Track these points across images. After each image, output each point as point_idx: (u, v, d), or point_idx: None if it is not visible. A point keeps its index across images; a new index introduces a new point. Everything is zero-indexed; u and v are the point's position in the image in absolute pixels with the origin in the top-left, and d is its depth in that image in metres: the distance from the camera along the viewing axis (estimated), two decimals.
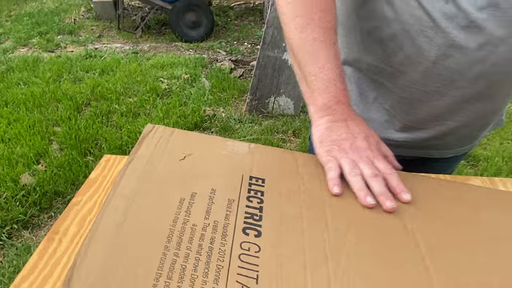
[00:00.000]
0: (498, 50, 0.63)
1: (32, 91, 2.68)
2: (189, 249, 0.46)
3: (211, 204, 0.53)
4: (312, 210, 0.53)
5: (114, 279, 0.43)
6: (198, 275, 0.43)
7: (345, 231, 0.50)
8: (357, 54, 0.77)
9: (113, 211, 0.51)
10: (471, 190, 0.60)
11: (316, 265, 0.45)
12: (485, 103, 0.72)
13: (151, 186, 0.56)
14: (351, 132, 0.60)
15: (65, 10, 4.46)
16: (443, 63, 0.66)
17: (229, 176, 0.58)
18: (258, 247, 0.47)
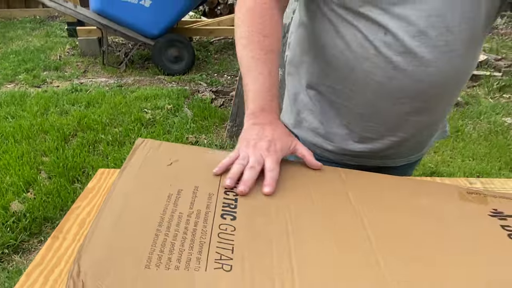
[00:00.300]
0: (430, 72, 0.77)
1: (20, 124, 2.75)
2: (177, 230, 0.56)
3: (195, 198, 0.63)
4: (277, 199, 0.63)
5: (117, 254, 0.52)
6: (185, 249, 0.53)
7: (305, 213, 0.61)
8: (318, 79, 0.89)
9: (113, 204, 0.61)
10: (408, 181, 0.72)
11: (280, 240, 0.56)
12: (426, 116, 0.85)
13: (144, 186, 0.66)
14: (261, 135, 0.71)
15: (50, 48, 4.57)
16: (388, 83, 0.79)
17: (210, 176, 0.68)
18: (234, 227, 0.58)
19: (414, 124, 0.86)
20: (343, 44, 0.79)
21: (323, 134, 0.92)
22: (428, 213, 0.63)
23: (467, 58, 0.79)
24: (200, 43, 4.75)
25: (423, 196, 0.67)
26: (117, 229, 0.57)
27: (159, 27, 3.77)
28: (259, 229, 0.57)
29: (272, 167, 0.67)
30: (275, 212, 0.61)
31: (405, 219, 0.61)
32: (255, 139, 0.71)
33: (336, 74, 0.84)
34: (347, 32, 0.78)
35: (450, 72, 0.78)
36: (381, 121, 0.85)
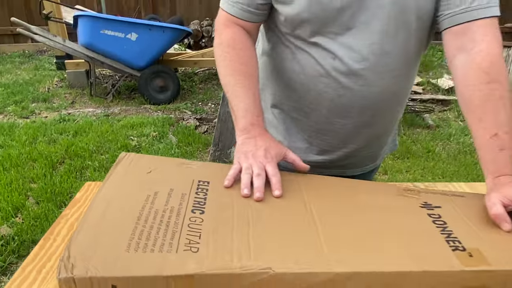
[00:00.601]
0: (373, 90, 0.89)
1: (9, 153, 2.81)
2: (153, 223, 0.66)
3: (169, 197, 0.73)
4: (240, 199, 0.73)
5: (101, 242, 0.61)
6: (159, 237, 0.63)
7: (264, 210, 0.71)
8: (280, 99, 1.01)
9: (99, 203, 0.71)
10: (355, 182, 0.83)
11: (241, 228, 0.65)
12: (374, 128, 0.97)
13: (126, 189, 0.75)
14: (256, 145, 0.81)
15: (39, 81, 4.66)
16: (339, 101, 0.91)
17: (184, 180, 0.78)
18: (202, 219, 0.67)
19: (364, 136, 0.97)
20: (300, 68, 0.91)
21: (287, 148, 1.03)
22: (367, 204, 0.73)
23: (404, 78, 0.92)
24: (185, 73, 4.90)
25: (365, 193, 0.78)
26: (102, 223, 0.66)
27: (145, 59, 3.91)
28: (223, 220, 0.67)
29: (274, 172, 0.77)
30: (239, 207, 0.71)
31: (347, 210, 0.72)
32: (252, 150, 0.81)
33: (295, 94, 0.96)
34: (302, 58, 0.90)
35: (390, 90, 0.90)
36: (336, 134, 0.97)
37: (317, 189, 0.78)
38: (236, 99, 0.86)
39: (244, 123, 0.84)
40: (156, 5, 6.01)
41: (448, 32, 0.82)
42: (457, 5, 0.80)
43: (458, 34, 0.81)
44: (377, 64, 0.86)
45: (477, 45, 0.79)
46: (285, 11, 0.85)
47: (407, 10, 0.82)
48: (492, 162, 0.75)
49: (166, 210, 0.69)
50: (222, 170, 0.82)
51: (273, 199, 0.74)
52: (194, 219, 0.67)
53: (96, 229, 0.64)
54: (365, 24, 0.83)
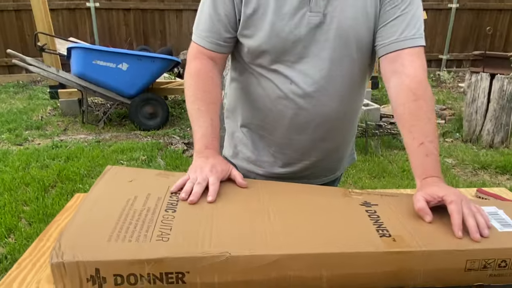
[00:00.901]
0: (325, 109, 1.03)
1: (2, 178, 2.90)
2: (131, 220, 0.77)
3: (147, 200, 0.85)
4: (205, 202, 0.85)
5: (87, 235, 0.73)
6: (136, 230, 0.74)
7: (227, 205, 0.83)
8: (248, 119, 1.14)
9: (86, 205, 0.82)
10: (308, 186, 0.96)
11: (206, 221, 0.77)
12: (328, 143, 1.11)
13: (110, 194, 0.87)
14: (205, 163, 0.92)
15: (33, 109, 4.78)
16: (297, 119, 1.05)
17: (160, 187, 0.90)
18: (174, 216, 0.79)
19: (321, 149, 1.11)
20: (263, 92, 1.05)
21: (255, 162, 1.16)
22: (314, 202, 0.86)
23: (351, 99, 1.06)
24: (175, 101, 5.05)
25: (314, 194, 0.90)
26: (88, 220, 0.78)
27: (135, 88, 4.06)
28: (192, 217, 0.79)
29: (213, 182, 0.88)
30: (206, 207, 0.83)
31: (296, 206, 0.84)
32: (201, 165, 0.93)
33: (260, 114, 1.09)
34: (265, 83, 1.04)
35: (340, 110, 1.04)
36: (296, 148, 1.10)
37: (272, 191, 0.90)
38: (196, 125, 0.99)
39: (199, 146, 0.97)
40: (147, 36, 6.22)
41: (384, 59, 0.97)
42: (389, 36, 0.95)
43: (391, 60, 0.96)
44: (327, 87, 1.00)
45: (406, 70, 0.93)
46: (248, 43, 1.00)
47: (349, 43, 0.96)
48: (420, 166, 0.89)
49: (143, 210, 0.81)
50: None
51: (235, 199, 0.86)
52: (167, 216, 0.79)
53: (83, 225, 0.76)
54: (316, 54, 0.97)
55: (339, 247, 0.72)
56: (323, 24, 0.95)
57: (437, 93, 5.58)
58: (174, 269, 0.69)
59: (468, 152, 3.56)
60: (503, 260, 0.74)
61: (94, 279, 0.69)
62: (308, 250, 0.71)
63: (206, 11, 1.02)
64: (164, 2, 6.08)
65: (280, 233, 0.75)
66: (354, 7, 0.94)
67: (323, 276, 0.72)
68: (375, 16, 0.96)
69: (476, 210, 0.78)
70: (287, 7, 0.94)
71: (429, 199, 0.81)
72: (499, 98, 3.58)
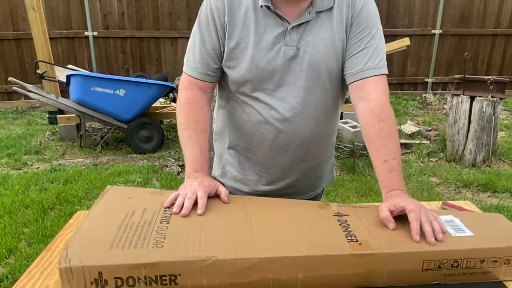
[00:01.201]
0: (302, 132, 1.14)
1: (2, 201, 2.97)
2: (130, 230, 0.87)
3: (144, 214, 0.94)
4: (195, 214, 0.95)
5: (90, 244, 0.82)
6: (134, 239, 0.84)
7: (214, 218, 0.92)
8: (235, 142, 1.25)
9: (89, 219, 0.92)
10: (288, 201, 1.06)
11: (194, 232, 0.87)
12: (307, 163, 1.21)
13: (110, 209, 0.97)
14: (195, 182, 1.02)
15: (31, 135, 4.87)
16: (277, 141, 1.15)
17: (155, 203, 1.00)
18: (167, 227, 0.89)
19: (300, 168, 1.21)
20: (246, 117, 1.16)
21: (241, 181, 1.26)
22: (292, 213, 0.96)
23: (326, 123, 1.17)
24: (170, 125, 5.16)
25: (293, 207, 1.00)
26: (91, 231, 0.87)
27: (132, 113, 4.17)
28: (183, 228, 0.89)
29: (201, 196, 0.98)
30: (196, 219, 0.93)
31: (276, 217, 0.94)
32: (190, 183, 1.03)
33: (245, 137, 1.20)
34: (247, 109, 1.15)
35: (315, 132, 1.15)
36: (278, 168, 1.21)
37: (256, 205, 1.00)
38: (187, 150, 1.10)
39: (190, 170, 1.07)
40: (143, 63, 6.39)
41: (351, 86, 1.09)
42: (355, 67, 1.07)
43: (358, 87, 1.07)
44: (303, 113, 1.12)
45: (370, 96, 1.05)
46: (232, 73, 1.11)
47: (321, 73, 1.08)
48: (385, 181, 0.99)
49: (140, 222, 0.90)
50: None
51: (222, 214, 0.96)
52: (161, 227, 0.89)
53: (86, 235, 0.86)
54: (291, 83, 1.09)
55: (312, 251, 0.81)
56: (297, 57, 1.07)
57: (423, 115, 5.74)
58: (167, 272, 0.78)
59: (452, 171, 3.68)
60: (455, 260, 0.84)
61: (97, 281, 0.78)
62: (285, 253, 0.81)
63: (195, 44, 1.14)
64: (160, 30, 6.27)
65: (261, 240, 0.85)
66: (324, 42, 1.06)
67: (298, 278, 0.81)
68: (343, 49, 1.08)
69: (433, 218, 0.89)
70: (265, 42, 1.06)
71: (392, 209, 0.91)
72: (479, 119, 3.73)
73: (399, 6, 6.53)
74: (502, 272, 0.86)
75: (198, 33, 1.13)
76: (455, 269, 0.84)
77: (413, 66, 6.81)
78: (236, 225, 0.91)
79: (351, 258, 0.82)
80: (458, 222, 0.94)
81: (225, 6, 1.07)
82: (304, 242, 0.85)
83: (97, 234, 0.86)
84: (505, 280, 0.86)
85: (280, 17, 1.06)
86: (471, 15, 6.70)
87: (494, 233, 0.91)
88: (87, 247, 0.82)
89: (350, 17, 1.08)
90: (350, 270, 0.82)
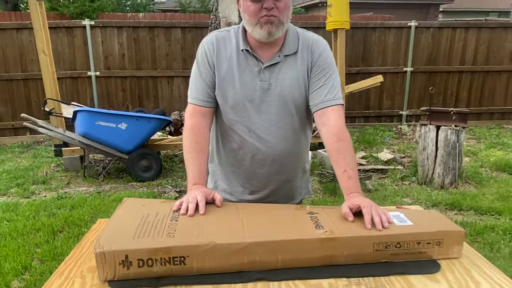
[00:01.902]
0: (276, 150, 1.36)
1: (15, 225, 3.10)
2: (147, 226, 1.06)
3: (157, 216, 1.14)
4: (198, 215, 1.15)
5: (118, 235, 1.02)
6: (151, 232, 1.03)
7: (213, 218, 1.13)
8: (223, 160, 1.46)
9: (114, 219, 1.11)
10: (272, 206, 1.27)
11: (198, 227, 1.07)
12: (282, 175, 1.43)
13: (130, 213, 1.16)
14: (195, 191, 1.21)
15: (38, 166, 5.01)
16: (256, 158, 1.37)
17: (165, 209, 1.19)
18: (177, 223, 1.08)
19: (277, 180, 1.43)
20: (232, 138, 1.39)
21: (229, 192, 1.47)
22: (275, 213, 1.17)
23: (295, 142, 1.40)
24: (167, 155, 5.36)
25: (275, 208, 1.21)
26: (116, 227, 1.07)
27: (132, 145, 4.37)
28: (189, 224, 1.09)
29: (201, 199, 1.18)
30: (199, 217, 1.13)
31: (262, 215, 1.15)
32: (191, 192, 1.23)
33: (231, 155, 1.42)
34: (231, 132, 1.38)
35: (287, 150, 1.38)
36: (258, 179, 1.42)
37: (247, 208, 1.21)
38: (189, 169, 1.29)
39: (191, 184, 1.26)
40: (142, 100, 6.64)
41: (315, 114, 1.33)
42: (317, 99, 1.31)
43: (320, 115, 1.31)
44: (276, 134, 1.35)
45: (331, 121, 1.29)
46: (221, 101, 1.35)
47: (288, 103, 1.33)
48: (345, 186, 1.21)
49: (155, 221, 1.10)
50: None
51: (219, 214, 1.16)
52: (172, 224, 1.08)
53: (113, 230, 1.05)
54: (266, 110, 1.33)
55: (289, 236, 1.02)
56: (270, 90, 1.31)
57: (398, 144, 6.03)
58: (178, 254, 0.98)
59: (423, 192, 3.91)
60: (398, 242, 1.05)
61: (124, 262, 0.97)
62: (268, 239, 1.01)
63: (196, 79, 1.37)
64: (157, 70, 6.56)
65: (250, 230, 1.05)
66: (290, 79, 1.32)
67: (279, 259, 1.01)
68: (305, 85, 1.33)
69: (381, 212, 1.10)
70: (245, 77, 1.31)
71: (351, 207, 1.13)
72: (445, 146, 4.00)
73: (374, 48, 6.95)
74: (435, 252, 1.07)
75: (197, 70, 1.37)
76: (399, 249, 1.05)
77: (388, 100, 7.16)
78: (231, 222, 1.11)
79: (319, 241, 1.02)
80: (403, 216, 1.15)
81: (214, 49, 1.33)
82: (283, 231, 1.05)
83: (122, 229, 1.06)
84: (438, 258, 1.07)
85: (256, 58, 1.31)
86: (438, 55, 7.14)
87: (429, 223, 1.12)
88: (115, 237, 1.01)
89: (311, 61, 1.33)
90: (318, 252, 1.03)
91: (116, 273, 0.97)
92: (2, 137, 6.42)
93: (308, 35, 1.37)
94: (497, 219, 3.32)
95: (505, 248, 2.79)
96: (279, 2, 1.24)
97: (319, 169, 4.55)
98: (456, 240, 1.09)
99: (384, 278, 0.98)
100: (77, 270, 1.05)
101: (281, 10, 1.26)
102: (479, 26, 7.20)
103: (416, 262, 1.06)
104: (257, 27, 1.26)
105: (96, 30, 6.30)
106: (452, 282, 0.96)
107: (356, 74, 6.80)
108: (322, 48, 1.34)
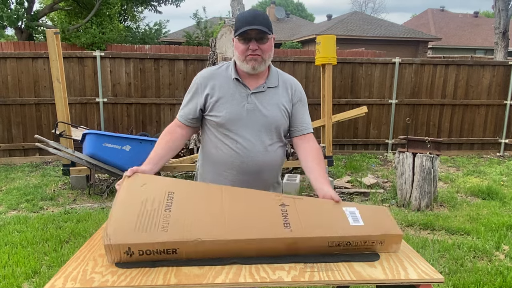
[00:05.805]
0: (257, 160, 1.61)
1: (26, 236, 3.28)
2: (145, 217, 1.28)
3: (153, 204, 1.34)
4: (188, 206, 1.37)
5: (122, 226, 1.24)
6: (149, 224, 1.25)
7: (199, 203, 1.34)
8: (214, 169, 1.69)
9: (116, 203, 1.32)
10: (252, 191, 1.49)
11: (189, 219, 1.29)
12: (261, 181, 1.66)
13: (129, 197, 1.36)
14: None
15: (46, 184, 5.21)
16: (242, 166, 1.62)
17: (161, 191, 1.38)
18: (170, 214, 1.30)
19: (258, 182, 1.66)
20: (220, 150, 1.63)
21: None
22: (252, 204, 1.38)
23: (272, 153, 1.64)
24: (167, 176, 5.56)
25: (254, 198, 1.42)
26: (119, 217, 1.28)
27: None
28: (179, 218, 1.30)
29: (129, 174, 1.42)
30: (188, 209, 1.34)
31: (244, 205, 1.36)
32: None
33: (220, 163, 1.66)
34: (221, 144, 1.62)
35: (265, 160, 1.63)
36: (243, 181, 1.64)
37: (231, 192, 1.41)
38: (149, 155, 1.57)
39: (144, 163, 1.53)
40: (145, 125, 6.91)
41: (295, 138, 1.62)
42: (296, 126, 1.60)
43: (301, 139, 1.62)
44: (259, 146, 1.60)
45: (307, 144, 1.57)
46: (213, 119, 1.61)
47: (269, 123, 1.59)
48: (317, 184, 1.48)
49: (152, 210, 1.30)
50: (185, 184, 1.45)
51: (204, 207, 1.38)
52: (165, 214, 1.29)
53: (118, 220, 1.26)
54: (251, 127, 1.59)
55: (260, 234, 1.24)
56: (255, 110, 1.58)
57: (382, 170, 6.26)
58: (170, 247, 1.20)
59: (400, 214, 4.12)
60: (348, 241, 1.27)
61: (128, 252, 1.19)
62: (244, 236, 1.23)
63: (185, 103, 1.66)
64: (160, 98, 6.86)
65: (230, 225, 1.27)
66: (271, 104, 1.60)
67: (251, 249, 1.23)
68: (285, 110, 1.61)
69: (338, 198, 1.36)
70: (235, 100, 1.58)
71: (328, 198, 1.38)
72: (421, 171, 4.24)
73: (362, 81, 7.30)
74: (377, 248, 1.29)
75: (187, 96, 1.67)
76: (348, 246, 1.27)
77: (375, 129, 7.45)
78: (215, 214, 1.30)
79: (284, 240, 1.24)
80: (358, 214, 1.36)
81: (207, 81, 1.61)
82: (257, 229, 1.27)
83: (124, 221, 1.25)
84: (379, 252, 1.29)
85: (244, 85, 1.59)
86: (420, 89, 7.48)
87: (376, 224, 1.33)
88: (119, 230, 1.22)
89: (291, 94, 1.62)
90: (283, 245, 1.24)
91: (121, 259, 1.19)
92: (13, 157, 6.64)
93: (286, 76, 1.71)
94: (465, 238, 3.52)
95: (467, 263, 2.98)
96: (263, 44, 1.54)
97: (307, 191, 4.76)
98: (395, 240, 1.31)
99: (333, 264, 1.20)
100: (90, 256, 1.27)
101: (264, 50, 1.55)
102: (458, 64, 7.58)
103: (360, 253, 1.27)
104: (244, 63, 1.56)
105: (106, 60, 6.64)
106: (386, 268, 1.18)
107: (345, 105, 7.12)
108: (299, 87, 1.70)
